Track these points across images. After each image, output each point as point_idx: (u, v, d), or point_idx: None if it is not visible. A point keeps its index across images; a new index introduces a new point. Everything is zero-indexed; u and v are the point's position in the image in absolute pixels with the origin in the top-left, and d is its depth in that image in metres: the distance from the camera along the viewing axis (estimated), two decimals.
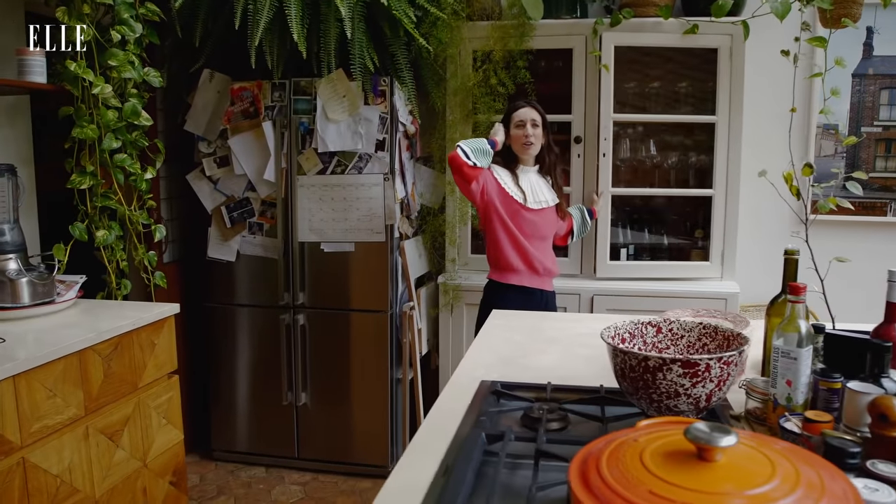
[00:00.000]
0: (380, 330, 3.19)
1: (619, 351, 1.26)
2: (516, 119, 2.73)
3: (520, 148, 2.74)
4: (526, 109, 2.73)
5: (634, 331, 1.44)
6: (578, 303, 3.20)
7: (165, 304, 2.36)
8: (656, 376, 1.20)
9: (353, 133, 3.05)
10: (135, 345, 2.20)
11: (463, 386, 1.54)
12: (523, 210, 2.71)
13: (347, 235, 3.14)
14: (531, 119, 2.71)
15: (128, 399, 2.18)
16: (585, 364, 1.72)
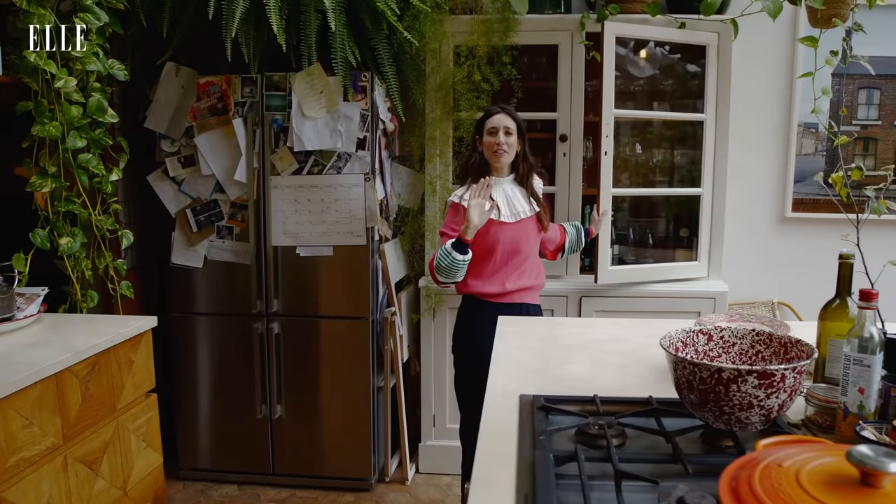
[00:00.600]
0: (360, 337, 3.04)
1: (688, 363, 1.17)
2: (488, 126, 2.57)
3: (491, 156, 2.57)
4: (500, 116, 2.56)
5: (686, 339, 1.35)
6: (566, 305, 3.11)
7: (142, 318, 2.17)
8: (729, 388, 1.13)
9: (331, 131, 2.89)
10: (112, 363, 2.00)
11: (502, 402, 1.43)
12: (497, 227, 2.52)
13: (325, 239, 2.97)
14: (504, 127, 2.54)
15: (106, 423, 1.98)
16: (619, 372, 1.62)
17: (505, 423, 1.31)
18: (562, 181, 3.14)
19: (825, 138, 3.37)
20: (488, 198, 2.55)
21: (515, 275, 2.58)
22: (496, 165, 2.59)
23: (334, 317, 3.04)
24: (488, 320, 2.54)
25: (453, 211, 2.55)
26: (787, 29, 3.33)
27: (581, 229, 2.89)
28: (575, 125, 3.10)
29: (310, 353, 3.07)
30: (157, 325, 2.23)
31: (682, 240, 3.33)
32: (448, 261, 2.42)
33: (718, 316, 1.67)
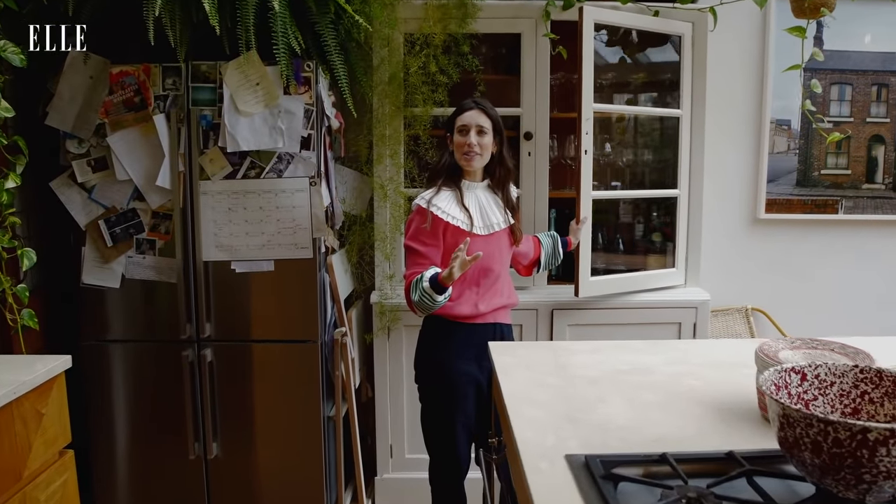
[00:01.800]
0: (308, 363, 2.67)
1: (818, 420, 0.87)
2: (459, 123, 2.25)
3: (462, 158, 2.26)
4: (472, 113, 2.25)
5: (779, 381, 1.07)
6: (536, 320, 2.83)
7: (52, 358, 1.77)
8: (876, 452, 0.84)
9: (270, 128, 2.52)
10: (16, 420, 1.60)
11: (546, 466, 1.11)
12: (471, 238, 2.19)
13: (265, 252, 2.60)
14: (477, 125, 2.23)
15: (10, 497, 1.56)
16: (666, 415, 1.34)
17: (566, 498, 1.00)
18: (527, 184, 2.85)
19: (798, 135, 3.20)
20: (460, 203, 2.25)
21: (489, 295, 2.28)
22: (468, 169, 2.28)
23: (277, 340, 2.66)
24: (460, 345, 2.24)
25: (420, 217, 2.23)
26: (757, 22, 3.16)
27: (558, 240, 2.60)
28: (540, 122, 2.83)
29: (249, 383, 2.69)
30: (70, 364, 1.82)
31: (655, 245, 3.10)
32: (428, 301, 2.11)
33: (777, 342, 1.41)
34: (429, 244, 2.20)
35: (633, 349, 1.78)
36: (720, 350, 1.78)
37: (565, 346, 1.82)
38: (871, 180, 3.23)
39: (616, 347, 1.80)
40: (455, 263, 2.01)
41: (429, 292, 2.09)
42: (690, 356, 1.71)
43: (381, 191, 2.84)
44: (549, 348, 1.82)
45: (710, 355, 1.72)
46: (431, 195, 2.24)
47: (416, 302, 2.13)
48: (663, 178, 3.14)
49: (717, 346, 1.83)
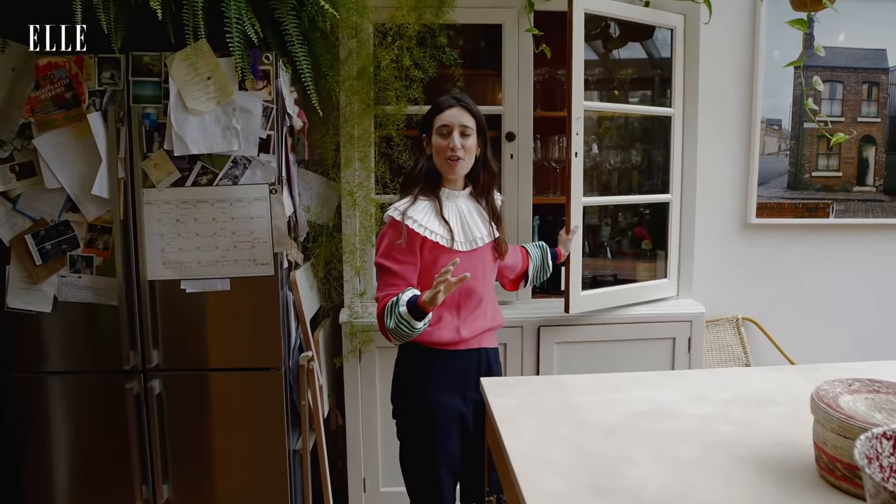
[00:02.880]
0: (270, 392, 2.38)
1: None
2: (439, 123, 1.98)
3: (443, 164, 1.99)
4: (454, 111, 1.98)
5: (870, 451, 0.84)
6: (521, 338, 2.59)
7: None
8: None
9: (224, 129, 2.22)
10: None
11: None
12: (448, 255, 1.94)
13: (219, 269, 2.30)
14: (460, 125, 1.97)
15: None
16: (704, 478, 1.11)
17: None
18: (510, 189, 2.61)
19: (789, 135, 3.04)
20: (439, 215, 1.99)
21: (472, 318, 2.02)
22: (449, 176, 2.02)
23: (235, 369, 2.37)
24: (441, 375, 1.98)
25: (393, 231, 1.95)
26: (746, 16, 2.99)
27: (548, 251, 2.36)
28: (524, 121, 2.59)
29: (204, 417, 2.38)
30: None
31: (645, 253, 2.90)
32: (406, 329, 1.83)
33: (835, 386, 1.19)
34: (404, 262, 1.93)
35: (645, 382, 1.55)
36: (740, 381, 1.57)
37: (570, 381, 1.58)
38: (862, 182, 3.09)
39: (627, 381, 1.57)
40: (440, 287, 1.74)
41: (406, 319, 1.81)
42: (711, 390, 1.50)
43: (349, 198, 2.56)
44: (552, 383, 1.58)
45: (732, 388, 1.51)
46: (406, 206, 1.96)
47: (391, 329, 1.86)
48: (651, 182, 2.95)
49: (734, 377, 1.61)
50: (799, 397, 1.43)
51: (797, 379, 1.59)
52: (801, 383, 1.55)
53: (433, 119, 2.00)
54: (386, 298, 1.89)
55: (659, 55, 2.98)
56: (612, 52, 3.02)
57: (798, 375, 1.62)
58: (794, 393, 1.48)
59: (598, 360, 2.61)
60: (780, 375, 1.61)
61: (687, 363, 2.65)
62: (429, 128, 2.02)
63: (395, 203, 2.01)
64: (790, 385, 1.55)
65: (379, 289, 1.95)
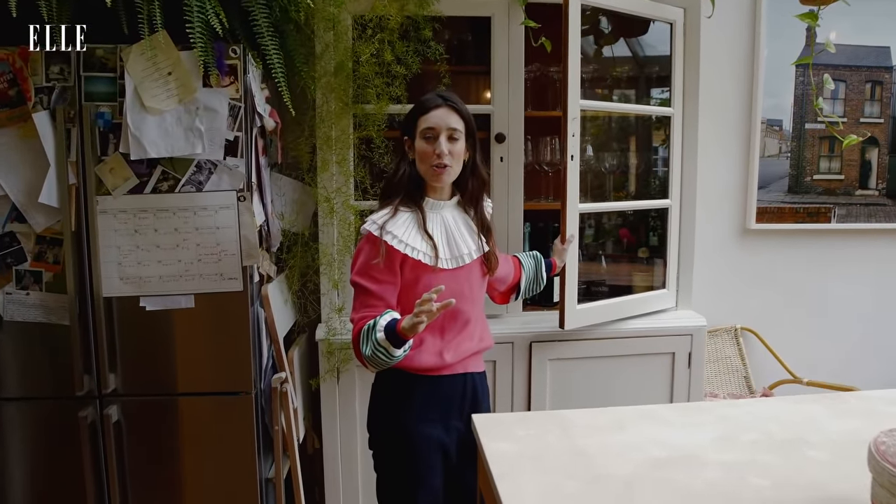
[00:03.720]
0: (240, 418, 2.18)
1: None
2: (424, 125, 1.77)
3: (428, 171, 1.78)
4: (441, 112, 1.78)
5: None
6: (511, 355, 2.41)
7: None
8: None
9: (186, 130, 2.01)
10: None
11: None
12: (431, 276, 1.76)
13: (182, 285, 2.09)
14: (448, 128, 1.77)
15: None
16: None
17: None
18: (499, 194, 2.43)
19: (790, 137, 2.90)
20: (422, 229, 1.79)
21: (457, 341, 1.83)
22: (435, 185, 1.83)
23: (201, 393, 2.16)
24: (422, 403, 1.79)
25: (370, 247, 1.75)
26: (746, 11, 2.83)
27: (542, 262, 2.18)
28: (514, 121, 2.41)
29: (168, 446, 2.17)
30: None
31: (642, 261, 2.74)
32: (383, 357, 1.64)
33: (893, 435, 1.02)
34: (382, 281, 1.73)
35: (658, 419, 1.38)
36: (762, 416, 1.41)
37: (575, 419, 1.40)
38: (864, 186, 2.96)
39: (638, 416, 1.39)
40: (422, 317, 1.55)
41: (384, 346, 1.62)
42: (734, 429, 1.33)
43: (326, 204, 2.36)
44: (554, 422, 1.40)
45: (756, 426, 1.35)
46: (385, 219, 1.75)
47: (367, 356, 1.66)
48: (646, 187, 2.79)
49: (755, 410, 1.45)
50: (833, 437, 1.27)
51: (824, 412, 1.43)
52: (830, 418, 1.40)
53: (417, 120, 1.80)
54: (362, 321, 1.69)
55: (644, 54, 2.82)
56: (603, 49, 2.86)
57: (824, 408, 1.46)
58: (827, 431, 1.33)
59: (594, 378, 2.45)
60: (804, 408, 1.45)
61: (687, 379, 2.50)
62: (411, 130, 1.82)
63: (372, 215, 1.80)
64: (819, 420, 1.39)
65: (354, 310, 1.75)
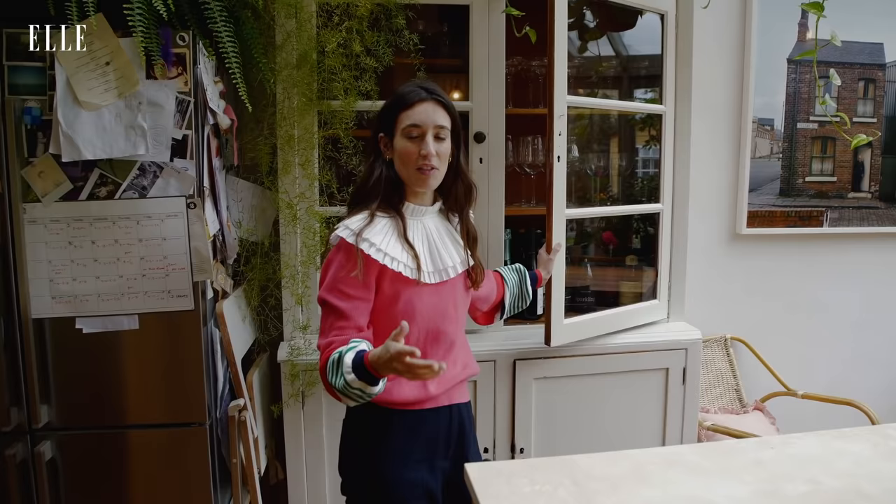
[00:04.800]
0: (193, 451, 1.94)
1: None
2: (407, 122, 1.54)
3: (412, 174, 1.56)
4: (427, 107, 1.55)
5: None
6: (494, 374, 2.21)
7: None
8: None
9: (127, 127, 1.77)
10: None
11: None
12: (412, 291, 1.55)
13: (125, 304, 1.84)
14: (435, 125, 1.55)
15: None
16: None
17: None
18: (479, 198, 2.21)
19: (781, 137, 2.75)
20: (403, 239, 1.58)
21: None
22: (418, 189, 1.62)
23: (148, 425, 1.92)
24: (404, 442, 1.56)
25: (343, 256, 1.51)
26: (736, 7, 2.68)
27: (525, 274, 1.98)
28: (495, 119, 2.21)
29: (111, 484, 1.92)
30: None
31: (628, 267, 2.56)
32: (357, 393, 1.41)
33: None
34: (354, 297, 1.49)
35: (686, 464, 1.19)
36: (801, 458, 1.23)
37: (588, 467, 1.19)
38: (857, 188, 2.83)
39: (662, 462, 1.20)
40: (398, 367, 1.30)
41: (358, 387, 1.39)
42: (776, 478, 1.15)
43: (288, 211, 2.13)
44: (564, 471, 1.18)
45: (799, 473, 1.17)
46: (361, 225, 1.52)
47: (338, 389, 1.41)
48: (629, 189, 2.62)
49: (791, 452, 1.26)
50: (890, 485, 1.10)
51: (870, 452, 1.27)
52: (879, 460, 1.23)
53: (398, 115, 1.56)
54: (329, 348, 1.45)
55: (627, 53, 2.66)
56: (588, 45, 2.68)
57: (869, 446, 1.30)
58: (881, 478, 1.16)
59: (583, 398, 2.27)
60: (846, 448, 1.28)
61: (681, 397, 2.33)
62: (390, 126, 1.58)
63: (345, 221, 1.56)
64: (868, 463, 1.22)
65: (322, 332, 1.50)
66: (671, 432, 2.35)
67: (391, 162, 1.59)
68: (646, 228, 2.62)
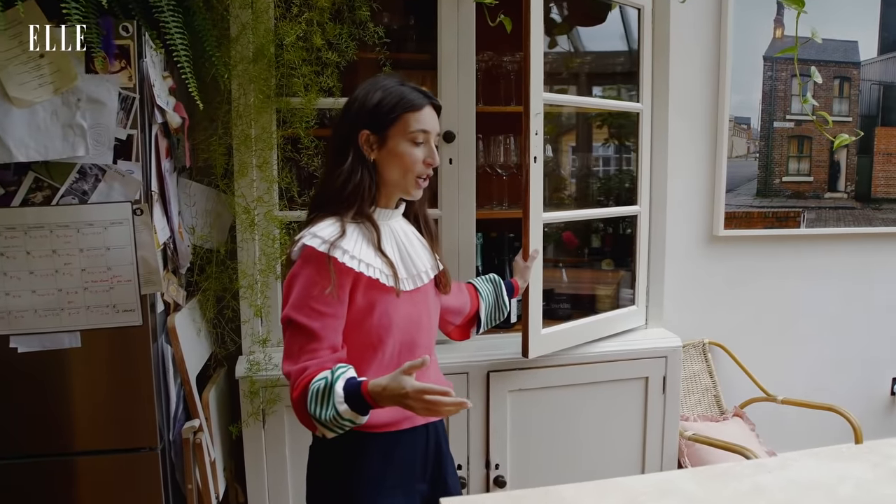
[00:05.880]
0: (144, 479, 1.79)
1: None
2: (417, 126, 1.42)
3: (410, 182, 1.45)
4: (431, 111, 1.45)
5: None
6: (466, 386, 2.09)
7: None
8: None
9: (65, 126, 1.61)
10: None
11: None
12: (387, 300, 1.42)
13: (65, 320, 1.68)
14: (437, 133, 1.48)
15: None
16: None
17: None
18: (448, 200, 2.11)
19: (758, 136, 2.69)
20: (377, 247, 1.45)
21: None
22: (406, 197, 1.49)
23: (93, 452, 1.75)
24: (377, 467, 1.43)
25: (313, 268, 1.35)
26: (711, 7, 2.61)
27: (500, 285, 1.86)
28: (465, 118, 2.09)
29: None
30: None
31: (606, 275, 2.47)
32: (346, 424, 1.28)
33: None
34: (327, 314, 1.34)
35: (682, 494, 1.08)
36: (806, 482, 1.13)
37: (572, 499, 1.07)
38: (833, 188, 2.78)
39: (656, 492, 1.09)
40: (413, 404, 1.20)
41: (350, 418, 1.26)
42: None
43: (245, 216, 1.99)
44: None
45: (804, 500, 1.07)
46: (333, 234, 1.37)
47: (324, 421, 1.26)
48: (607, 192, 2.53)
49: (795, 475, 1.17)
50: None
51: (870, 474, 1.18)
52: (881, 483, 1.15)
53: (401, 117, 1.42)
54: (305, 377, 1.29)
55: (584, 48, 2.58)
56: (556, 40, 2.59)
57: (869, 467, 1.21)
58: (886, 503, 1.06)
59: (561, 409, 2.16)
60: (845, 470, 1.19)
61: (662, 407, 2.24)
62: (383, 126, 1.43)
63: (312, 228, 1.40)
64: (871, 487, 1.13)
65: (290, 356, 1.34)
66: (651, 443, 2.26)
67: (375, 165, 1.45)
68: (605, 229, 2.53)
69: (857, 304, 2.92)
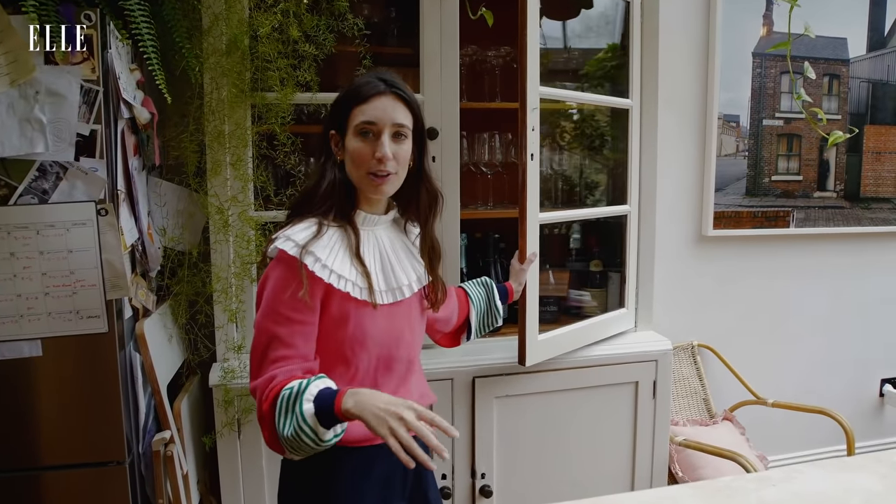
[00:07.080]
0: (111, 495, 1.69)
1: None
2: (362, 118, 1.32)
3: (364, 180, 1.34)
4: (385, 101, 1.33)
5: None
6: (451, 393, 2.01)
7: None
8: None
9: (22, 121, 1.51)
10: None
11: None
12: (362, 313, 1.33)
13: (24, 327, 1.58)
14: (393, 123, 1.33)
15: None
16: None
17: None
18: None
19: (747, 134, 2.64)
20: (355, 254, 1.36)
21: (389, 393, 1.38)
22: (373, 196, 1.40)
23: (59, 466, 1.65)
24: (356, 486, 1.35)
25: (283, 272, 1.27)
26: (700, 2, 2.55)
27: (493, 289, 1.78)
28: (448, 114, 2.02)
29: None
30: None
31: (594, 277, 2.40)
32: (309, 441, 1.17)
33: None
34: (297, 321, 1.26)
35: None
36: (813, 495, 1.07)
37: None
38: (822, 188, 2.74)
39: None
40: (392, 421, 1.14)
41: (311, 424, 1.16)
42: None
43: (219, 216, 1.89)
44: None
45: None
46: (307, 237, 1.29)
47: (287, 438, 1.18)
48: (594, 191, 2.47)
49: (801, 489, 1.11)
50: None
51: (880, 484, 1.13)
52: (892, 493, 1.08)
53: (350, 111, 1.33)
54: (274, 387, 1.20)
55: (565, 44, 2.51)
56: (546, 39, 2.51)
57: (878, 479, 1.15)
58: None
59: (549, 416, 2.09)
60: (854, 481, 1.14)
61: (652, 412, 2.18)
62: (341, 122, 1.35)
63: (286, 230, 1.32)
64: (880, 499, 1.07)
65: (258, 366, 1.26)
66: (642, 450, 2.20)
67: (343, 164, 1.37)
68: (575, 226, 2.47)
69: (847, 305, 2.88)
